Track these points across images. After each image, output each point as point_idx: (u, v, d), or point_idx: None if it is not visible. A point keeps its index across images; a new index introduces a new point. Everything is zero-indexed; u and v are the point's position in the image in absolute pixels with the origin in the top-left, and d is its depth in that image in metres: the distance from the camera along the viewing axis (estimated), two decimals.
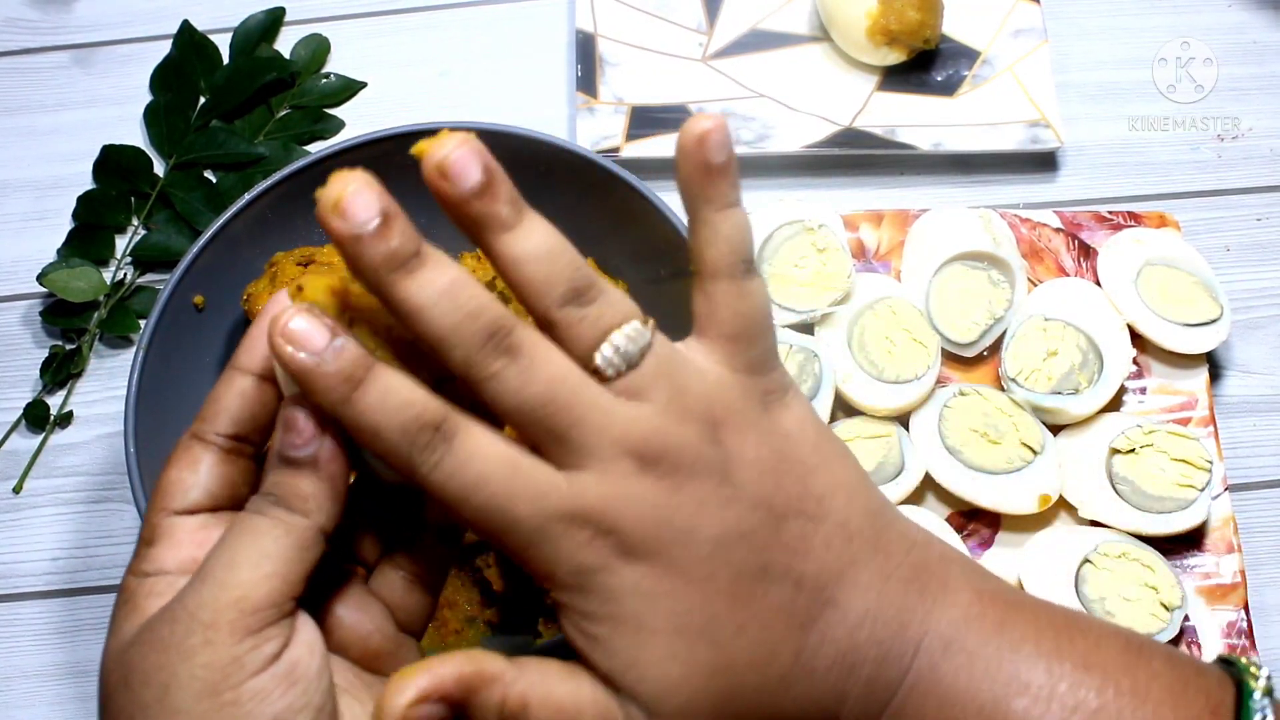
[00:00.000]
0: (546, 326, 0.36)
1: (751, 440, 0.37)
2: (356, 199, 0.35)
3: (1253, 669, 0.38)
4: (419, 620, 0.41)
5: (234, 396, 0.38)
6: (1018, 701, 0.37)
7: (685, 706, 0.36)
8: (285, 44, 0.84)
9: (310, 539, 0.36)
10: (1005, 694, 0.37)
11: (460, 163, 0.35)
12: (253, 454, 0.39)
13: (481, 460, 0.35)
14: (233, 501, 0.39)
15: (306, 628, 0.36)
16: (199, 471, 0.38)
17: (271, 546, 0.35)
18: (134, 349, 0.59)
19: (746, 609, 0.36)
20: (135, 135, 0.81)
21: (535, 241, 0.36)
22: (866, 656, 0.37)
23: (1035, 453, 0.65)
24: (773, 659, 0.37)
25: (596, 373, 0.36)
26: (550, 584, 0.36)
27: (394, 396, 0.35)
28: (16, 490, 0.70)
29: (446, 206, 0.36)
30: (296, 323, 0.35)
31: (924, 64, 0.81)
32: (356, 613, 0.40)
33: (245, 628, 0.34)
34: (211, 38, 0.83)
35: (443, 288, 0.35)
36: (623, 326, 0.36)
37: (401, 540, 0.41)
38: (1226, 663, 0.40)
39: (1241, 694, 0.37)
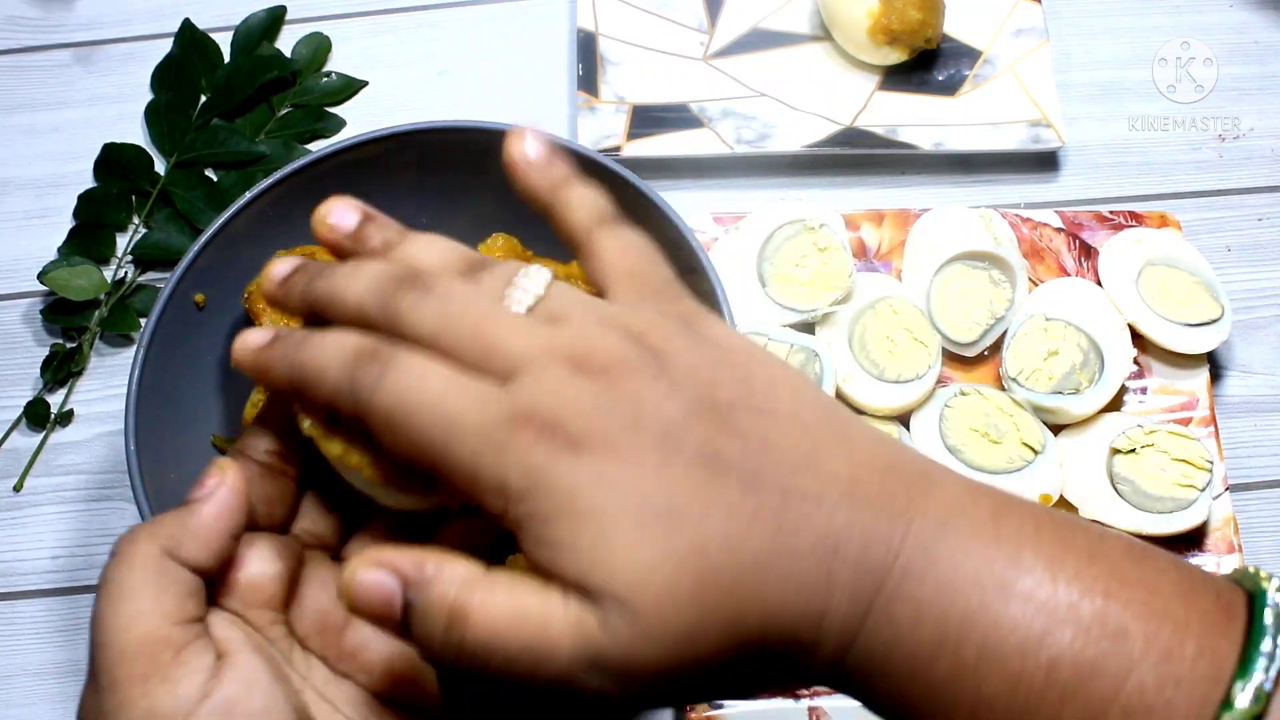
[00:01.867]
0: None
1: (680, 344, 0.36)
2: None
3: (1263, 574, 0.35)
4: None
5: (273, 418, 0.42)
6: (1024, 581, 0.33)
7: (662, 595, 0.33)
8: (286, 43, 0.84)
9: (165, 566, 0.37)
10: (1011, 576, 0.33)
11: (338, 211, 0.41)
12: (294, 476, 0.41)
13: (420, 376, 0.35)
14: (268, 521, 0.41)
15: (243, 665, 0.36)
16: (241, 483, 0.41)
17: (131, 585, 0.36)
18: (135, 347, 0.59)
19: (708, 493, 0.34)
20: (136, 134, 0.81)
21: (422, 244, 0.40)
22: (850, 537, 0.34)
23: (1036, 452, 0.66)
24: (745, 540, 0.34)
25: (508, 312, 0.37)
26: (504, 500, 0.34)
27: (335, 339, 0.37)
28: (17, 489, 0.70)
29: (339, 253, 0.41)
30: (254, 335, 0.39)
31: (925, 63, 0.81)
32: (372, 636, 0.40)
33: (143, 675, 0.35)
34: (212, 36, 0.83)
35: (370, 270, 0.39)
36: (522, 270, 0.38)
37: None
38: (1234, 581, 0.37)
39: (1254, 598, 0.34)
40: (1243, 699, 0.32)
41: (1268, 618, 0.33)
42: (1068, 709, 0.32)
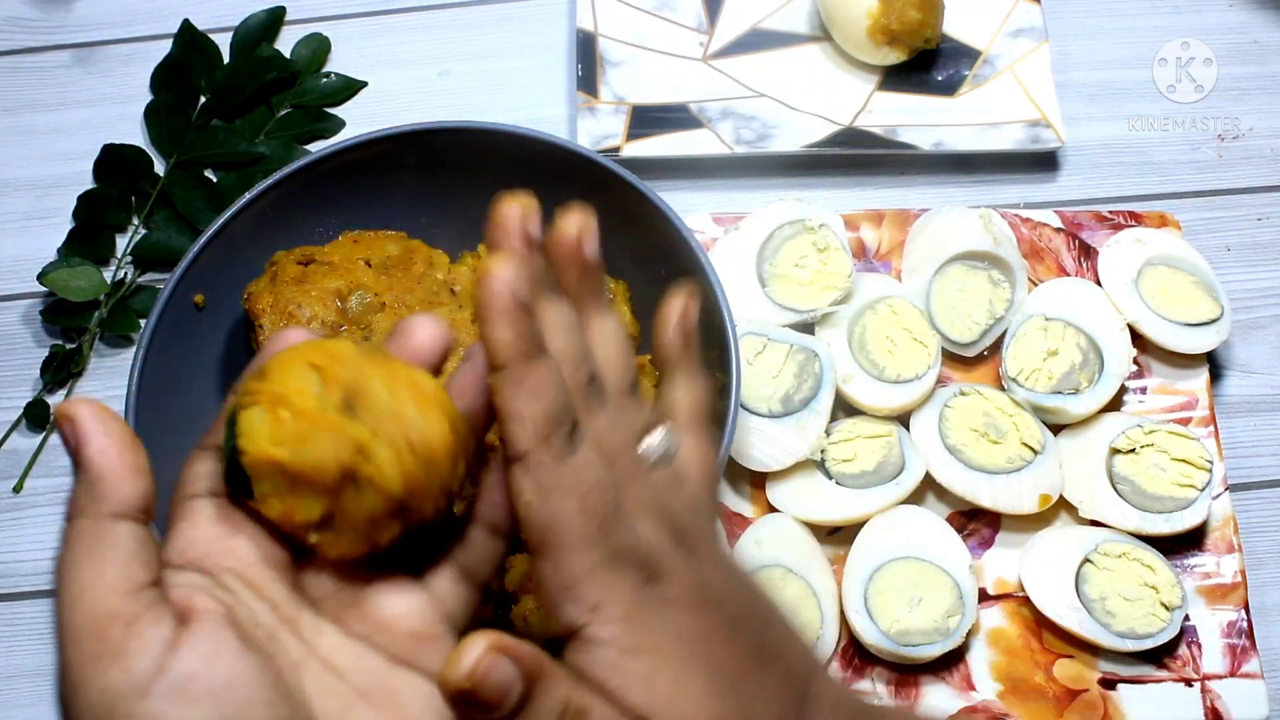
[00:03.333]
0: None
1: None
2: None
3: None
4: (462, 615, 0.41)
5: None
6: None
7: None
8: (286, 43, 0.84)
9: (91, 535, 0.35)
10: None
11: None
12: None
13: (587, 472, 0.37)
14: None
15: (205, 635, 0.35)
16: (208, 463, 0.39)
17: (72, 564, 0.35)
18: (134, 348, 0.59)
19: (758, 677, 0.39)
20: (136, 134, 0.81)
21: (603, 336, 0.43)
22: None
23: (1036, 452, 0.66)
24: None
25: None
26: (589, 616, 0.37)
27: (554, 395, 0.38)
28: (17, 489, 0.70)
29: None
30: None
31: (924, 64, 0.81)
32: (396, 595, 0.39)
33: (94, 654, 0.34)
34: (212, 37, 0.83)
35: None
36: (660, 430, 0.42)
37: (452, 533, 0.41)
38: None
39: None
40: None
41: None
42: None
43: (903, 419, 0.68)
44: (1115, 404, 0.68)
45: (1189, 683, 0.62)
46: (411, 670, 0.39)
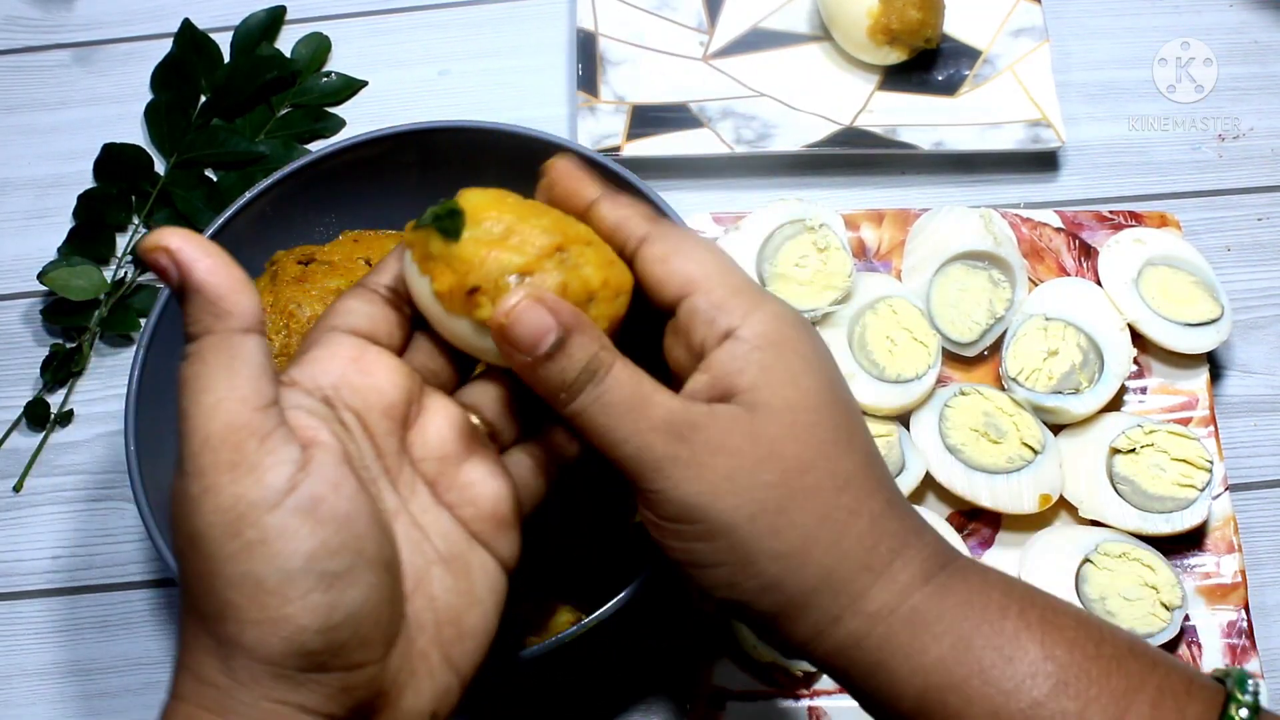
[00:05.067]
0: None
1: None
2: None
3: (1239, 689, 0.39)
4: (531, 503, 0.44)
5: (394, 260, 0.43)
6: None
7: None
8: (286, 43, 0.84)
9: (224, 349, 0.37)
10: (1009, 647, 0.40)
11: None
12: (409, 316, 0.43)
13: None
14: (389, 342, 0.42)
15: (325, 465, 0.37)
16: (365, 303, 0.42)
17: (206, 376, 0.36)
18: (134, 347, 0.59)
19: (856, 427, 0.42)
20: (136, 134, 0.81)
21: None
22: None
23: (1036, 452, 0.66)
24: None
25: None
26: (746, 318, 0.40)
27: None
28: (17, 489, 0.70)
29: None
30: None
31: (925, 63, 0.81)
32: (486, 473, 0.42)
33: (230, 462, 0.35)
34: (212, 36, 0.83)
35: None
36: None
37: (535, 427, 0.44)
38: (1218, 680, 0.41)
39: (1227, 700, 0.39)
40: None
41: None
42: None
43: (903, 418, 0.68)
44: (1115, 404, 0.68)
45: None
46: (484, 549, 0.41)
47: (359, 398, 0.40)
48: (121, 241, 0.77)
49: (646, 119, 0.78)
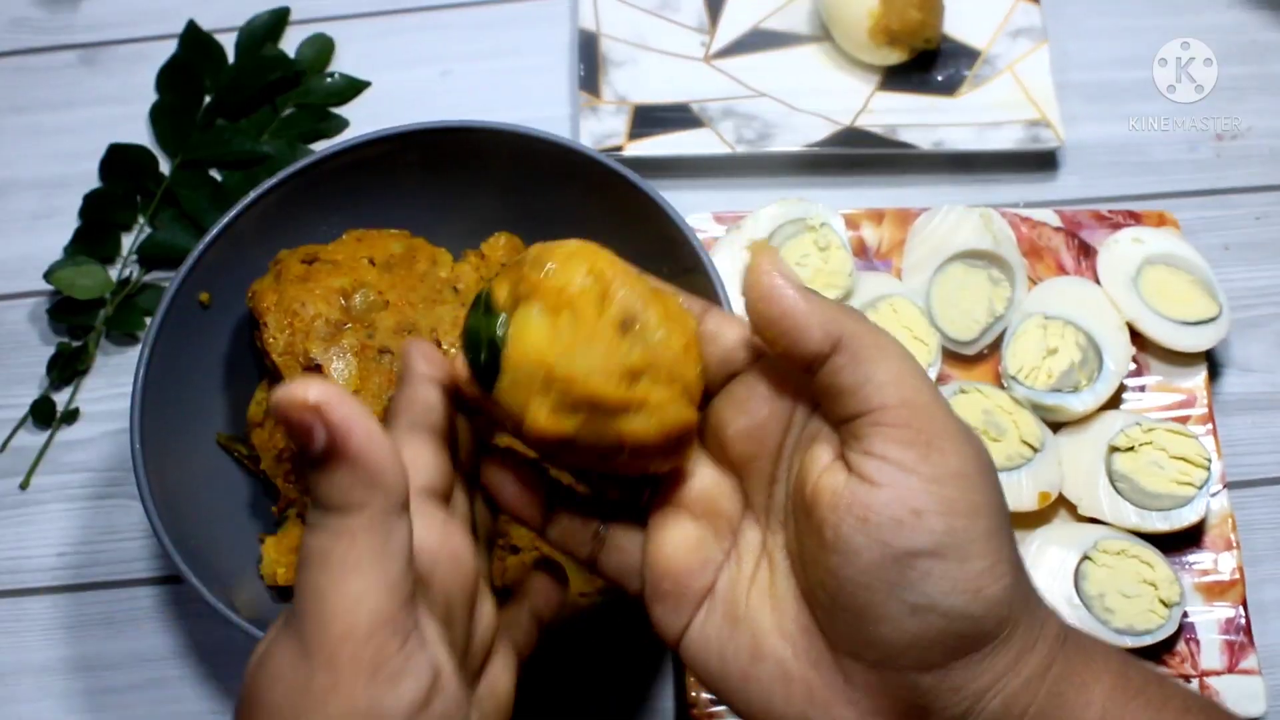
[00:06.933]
0: None
1: None
2: None
3: None
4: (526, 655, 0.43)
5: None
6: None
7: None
8: (290, 43, 0.84)
9: (377, 530, 0.32)
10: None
11: None
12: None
13: None
14: (447, 482, 0.39)
15: (452, 683, 0.34)
16: (430, 453, 0.38)
17: (355, 559, 0.32)
18: (140, 346, 0.60)
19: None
20: (141, 134, 0.81)
21: None
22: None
23: (1035, 450, 0.66)
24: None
25: None
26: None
27: None
28: (23, 486, 0.70)
29: None
30: None
31: (925, 64, 0.81)
32: (505, 667, 0.40)
33: (371, 665, 0.32)
34: (217, 37, 0.83)
35: None
36: None
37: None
38: None
39: None
40: None
41: None
42: None
43: None
44: (1114, 402, 0.69)
45: (1187, 679, 0.63)
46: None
47: (449, 582, 0.36)
48: (127, 241, 0.77)
49: (648, 119, 0.79)
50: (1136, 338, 0.70)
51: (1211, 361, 0.71)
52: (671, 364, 0.37)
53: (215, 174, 0.79)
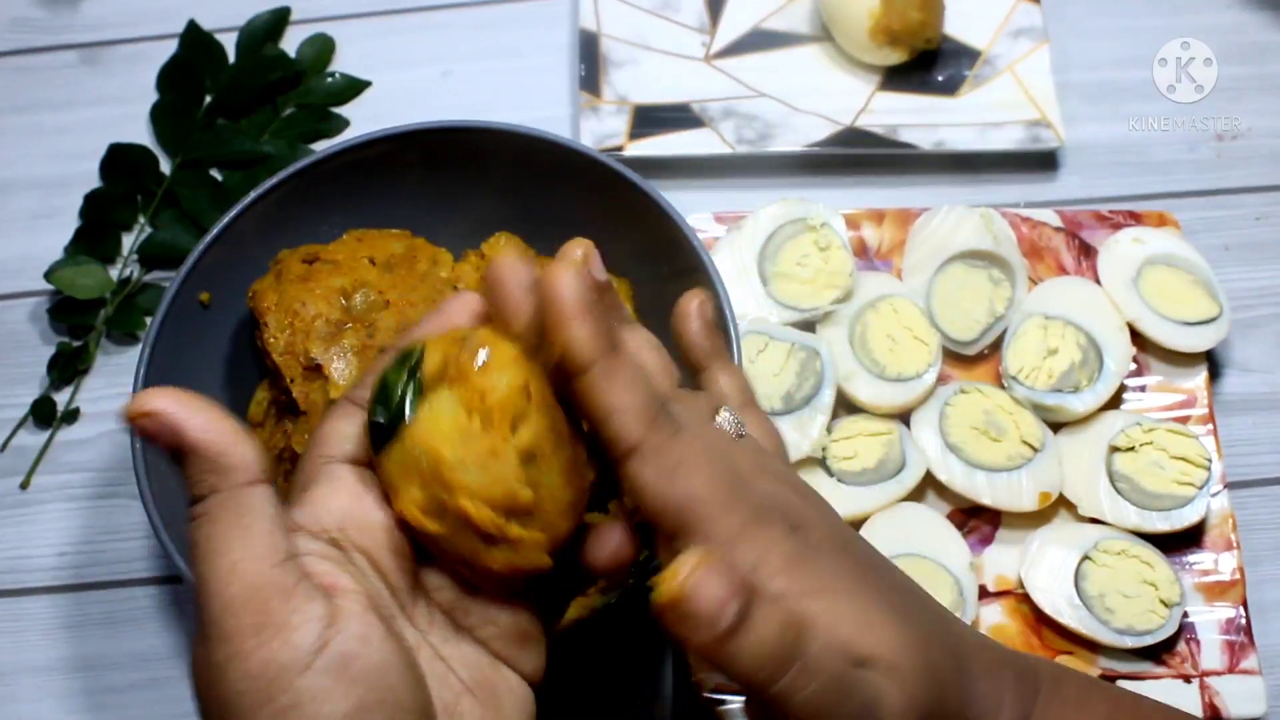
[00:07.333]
0: None
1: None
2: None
3: None
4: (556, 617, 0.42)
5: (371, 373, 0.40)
6: None
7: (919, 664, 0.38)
8: (290, 43, 0.84)
9: (232, 506, 0.35)
10: None
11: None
12: None
13: (701, 450, 0.38)
14: None
15: (353, 619, 0.35)
16: (355, 424, 0.39)
17: (218, 537, 0.35)
18: (140, 346, 0.60)
19: (916, 608, 0.40)
20: (142, 134, 0.81)
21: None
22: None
23: (1035, 450, 0.66)
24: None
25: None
26: (757, 571, 0.36)
27: (642, 385, 0.37)
28: (24, 486, 0.70)
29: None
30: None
31: (925, 64, 0.81)
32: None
33: (254, 625, 0.33)
34: (217, 37, 0.83)
35: None
36: (723, 409, 0.42)
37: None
38: None
39: None
40: None
41: None
42: None
43: (904, 417, 0.69)
44: (1115, 402, 0.69)
45: (1187, 679, 0.63)
46: (509, 668, 0.39)
47: (366, 536, 0.38)
48: (127, 241, 0.77)
49: (649, 119, 0.79)
50: (1137, 338, 0.70)
51: (1212, 362, 0.71)
52: (553, 515, 0.37)
53: (216, 174, 0.79)
